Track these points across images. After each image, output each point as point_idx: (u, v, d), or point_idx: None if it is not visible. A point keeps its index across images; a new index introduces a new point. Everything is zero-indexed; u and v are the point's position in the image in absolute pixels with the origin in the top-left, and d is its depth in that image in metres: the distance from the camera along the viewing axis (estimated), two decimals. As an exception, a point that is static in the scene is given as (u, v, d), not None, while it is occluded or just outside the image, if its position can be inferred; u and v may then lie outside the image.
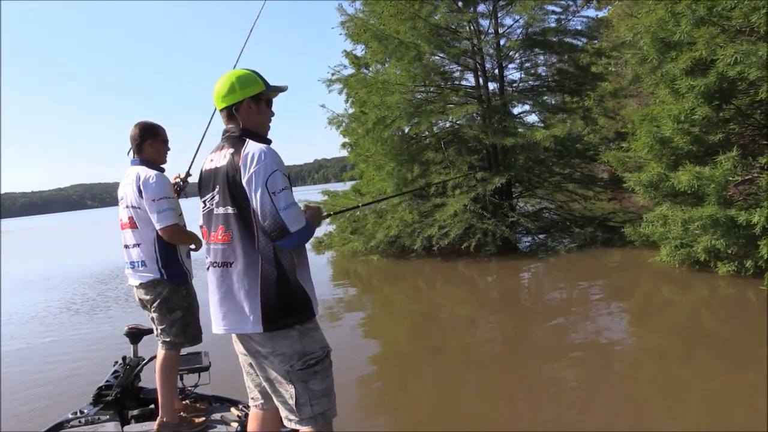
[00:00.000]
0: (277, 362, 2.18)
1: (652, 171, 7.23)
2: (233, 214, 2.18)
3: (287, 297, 2.16)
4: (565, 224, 11.81)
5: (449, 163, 11.42)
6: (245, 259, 2.16)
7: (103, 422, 3.43)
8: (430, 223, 11.20)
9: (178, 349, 3.40)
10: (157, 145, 3.42)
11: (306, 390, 2.19)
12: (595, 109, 11.60)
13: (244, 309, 2.16)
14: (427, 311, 8.33)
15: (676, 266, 8.05)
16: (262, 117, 2.34)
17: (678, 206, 7.12)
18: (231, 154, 2.19)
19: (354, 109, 14.88)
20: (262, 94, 2.33)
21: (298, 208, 2.17)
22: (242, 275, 2.17)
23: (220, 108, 2.32)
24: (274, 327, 2.15)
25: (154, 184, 3.22)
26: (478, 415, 4.26)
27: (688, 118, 7.16)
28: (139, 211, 3.26)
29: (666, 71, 7.05)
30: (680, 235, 7.53)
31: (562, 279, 9.45)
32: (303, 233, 2.17)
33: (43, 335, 8.15)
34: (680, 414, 4.06)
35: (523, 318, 7.33)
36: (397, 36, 11.22)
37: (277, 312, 2.15)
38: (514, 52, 12.22)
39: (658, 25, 6.99)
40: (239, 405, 3.59)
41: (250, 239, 2.16)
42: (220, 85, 2.31)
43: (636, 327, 6.42)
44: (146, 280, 3.31)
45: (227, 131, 2.32)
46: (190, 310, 3.42)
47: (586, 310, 7.24)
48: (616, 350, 5.61)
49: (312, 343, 2.21)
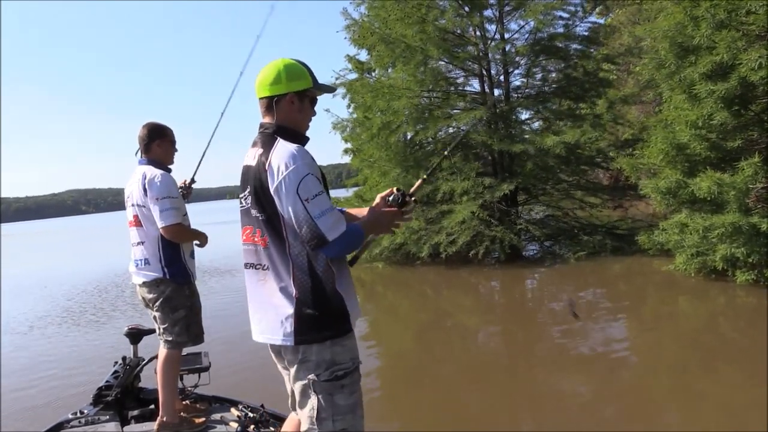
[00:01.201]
0: (303, 369, 2.03)
1: (671, 178, 7.07)
2: (263, 219, 2.04)
3: (322, 309, 2.00)
4: (573, 232, 11.65)
5: (456, 169, 11.25)
6: (280, 266, 2.03)
7: (103, 422, 3.43)
8: (436, 230, 11.02)
9: (180, 348, 3.38)
10: (164, 146, 3.46)
11: (330, 404, 2.01)
12: (606, 116, 11.44)
13: (277, 319, 2.03)
14: (433, 319, 8.18)
15: (691, 275, 7.89)
16: (303, 115, 2.15)
17: (697, 213, 6.95)
18: (260, 156, 2.04)
19: (357, 114, 14.74)
20: (309, 90, 2.14)
21: (336, 214, 1.98)
22: (277, 283, 2.04)
23: (261, 96, 2.13)
24: (305, 341, 2.00)
25: (159, 183, 3.26)
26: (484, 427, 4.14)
27: (706, 123, 7.02)
28: (144, 209, 3.30)
29: (684, 76, 6.90)
30: (697, 243, 7.37)
31: (573, 287, 9.29)
32: (346, 240, 1.98)
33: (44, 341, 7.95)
34: (697, 425, 3.93)
35: (534, 326, 7.17)
36: (404, 40, 11.08)
37: (310, 325, 2.00)
38: (520, 58, 12.09)
39: (677, 29, 6.85)
40: (239, 405, 3.58)
41: (282, 245, 2.02)
42: (266, 73, 2.12)
43: (652, 336, 6.29)
44: (149, 279, 3.32)
45: (262, 126, 2.15)
46: (193, 310, 3.42)
47: (599, 319, 7.10)
48: (631, 360, 5.49)
49: (343, 353, 2.04)
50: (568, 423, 4.10)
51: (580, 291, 9.04)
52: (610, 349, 5.86)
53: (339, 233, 1.95)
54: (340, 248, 1.99)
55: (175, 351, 3.36)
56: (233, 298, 9.72)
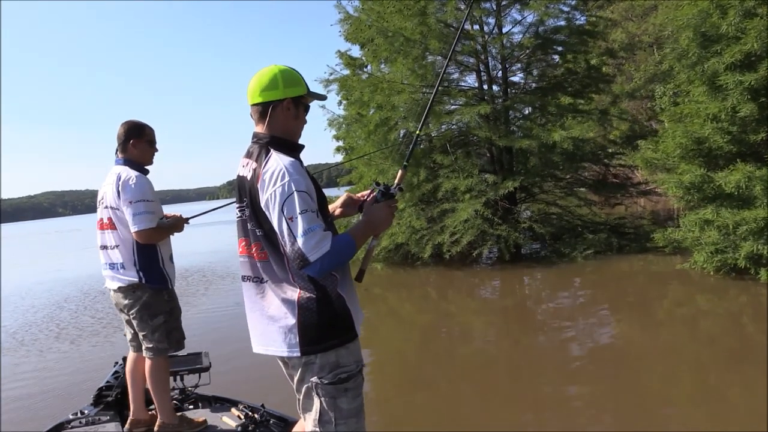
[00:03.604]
0: (307, 372, 2.01)
1: (696, 172, 6.78)
2: (261, 234, 2.02)
3: (327, 317, 1.99)
4: (577, 230, 11.37)
5: (457, 167, 10.90)
6: (280, 278, 2.01)
7: (104, 423, 3.44)
8: (439, 229, 10.67)
9: (163, 355, 3.29)
10: (141, 146, 3.32)
11: (333, 407, 1.99)
12: (613, 110, 11.18)
13: (280, 331, 2.00)
14: (435, 321, 7.94)
15: (711, 273, 7.64)
16: (297, 123, 2.13)
17: (724, 209, 6.68)
18: (253, 170, 2.02)
19: (349, 111, 14.35)
20: (303, 97, 2.13)
21: (320, 233, 1.90)
22: (277, 295, 2.02)
23: (255, 102, 2.08)
24: (312, 351, 1.98)
25: (133, 185, 3.15)
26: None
27: (729, 116, 6.76)
28: (118, 212, 3.19)
29: (707, 66, 6.63)
30: (717, 240, 7.12)
31: (584, 286, 9.03)
32: (328, 260, 1.91)
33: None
34: (722, 426, 3.80)
35: (548, 329, 6.84)
36: (403, 33, 10.71)
37: (316, 334, 1.98)
38: (519, 52, 11.78)
39: (701, 18, 6.56)
40: (239, 405, 3.59)
41: (281, 259, 1.99)
42: (261, 78, 2.07)
43: (669, 335, 6.10)
44: (125, 284, 3.22)
45: (256, 136, 2.11)
46: (173, 315, 3.34)
47: (612, 319, 6.89)
48: (648, 361, 5.27)
49: (348, 356, 2.03)
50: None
51: (590, 290, 8.77)
52: (624, 350, 5.70)
53: (321, 253, 1.89)
54: (322, 268, 1.92)
55: (160, 358, 3.27)
56: (236, 299, 9.38)
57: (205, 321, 8.42)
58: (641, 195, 12.36)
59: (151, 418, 3.39)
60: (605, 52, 12.06)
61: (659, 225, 10.38)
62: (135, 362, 3.41)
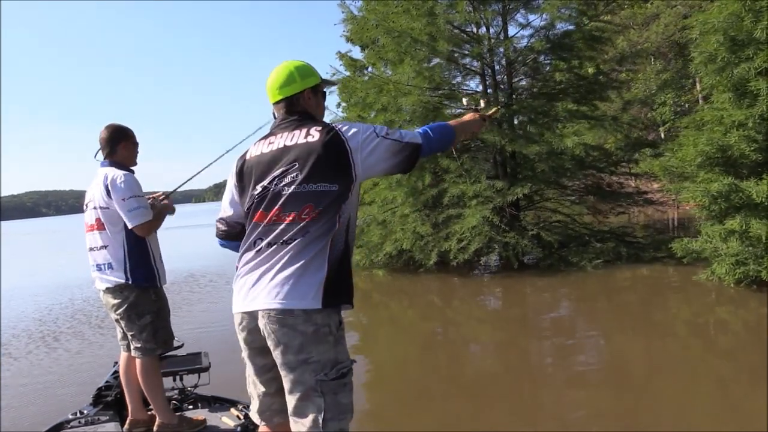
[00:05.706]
0: (307, 372, 2.01)
1: (724, 180, 6.56)
2: (329, 191, 2.03)
3: (345, 274, 2.09)
4: (584, 239, 11.12)
5: (464, 171, 10.63)
6: (321, 234, 2.02)
7: (103, 423, 3.46)
8: (444, 236, 10.38)
9: (152, 354, 3.33)
10: (130, 148, 3.45)
11: (335, 403, 2.02)
12: (625, 116, 10.98)
13: (305, 283, 2.00)
14: (437, 329, 7.75)
15: (731, 285, 7.41)
16: (320, 109, 2.31)
17: (753, 219, 6.45)
18: (318, 131, 2.08)
19: (349, 113, 14.07)
20: (319, 85, 2.29)
21: (412, 131, 2.21)
22: (311, 250, 2.01)
23: (278, 99, 2.23)
24: (330, 303, 2.02)
25: (122, 184, 3.22)
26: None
27: (756, 124, 6.55)
28: (108, 211, 3.24)
29: (737, 72, 6.42)
30: (739, 251, 6.91)
31: (596, 296, 8.77)
32: (432, 133, 2.21)
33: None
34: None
35: (554, 341, 6.59)
36: (411, 33, 10.44)
37: (337, 288, 2.04)
38: (525, 57, 11.55)
39: (730, 22, 6.36)
40: (239, 405, 3.61)
41: (333, 216, 2.04)
42: (278, 76, 2.23)
43: (692, 350, 5.89)
44: (112, 285, 3.28)
45: (286, 118, 2.21)
46: (161, 315, 3.38)
47: (627, 330, 6.66)
48: (670, 376, 5.03)
49: (343, 351, 2.09)
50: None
51: (601, 301, 8.53)
52: (641, 363, 5.51)
53: (425, 131, 2.20)
54: (429, 142, 2.18)
55: (149, 358, 3.31)
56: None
57: (206, 320, 8.26)
58: (647, 204, 12.18)
59: (150, 418, 3.43)
60: (612, 59, 11.86)
61: (663, 234, 10.20)
62: (127, 362, 3.43)
